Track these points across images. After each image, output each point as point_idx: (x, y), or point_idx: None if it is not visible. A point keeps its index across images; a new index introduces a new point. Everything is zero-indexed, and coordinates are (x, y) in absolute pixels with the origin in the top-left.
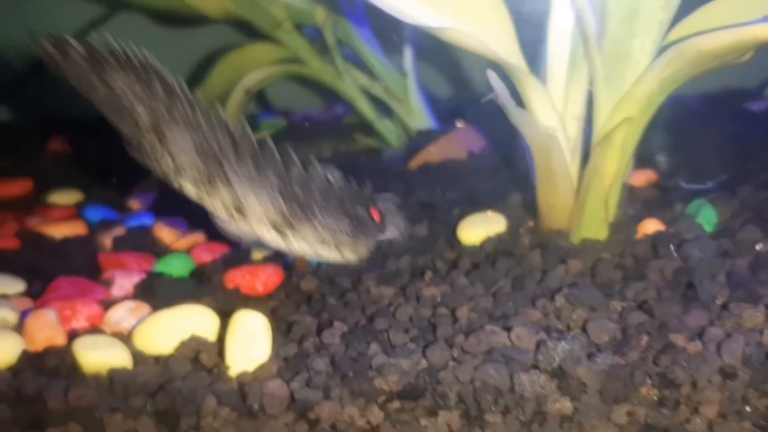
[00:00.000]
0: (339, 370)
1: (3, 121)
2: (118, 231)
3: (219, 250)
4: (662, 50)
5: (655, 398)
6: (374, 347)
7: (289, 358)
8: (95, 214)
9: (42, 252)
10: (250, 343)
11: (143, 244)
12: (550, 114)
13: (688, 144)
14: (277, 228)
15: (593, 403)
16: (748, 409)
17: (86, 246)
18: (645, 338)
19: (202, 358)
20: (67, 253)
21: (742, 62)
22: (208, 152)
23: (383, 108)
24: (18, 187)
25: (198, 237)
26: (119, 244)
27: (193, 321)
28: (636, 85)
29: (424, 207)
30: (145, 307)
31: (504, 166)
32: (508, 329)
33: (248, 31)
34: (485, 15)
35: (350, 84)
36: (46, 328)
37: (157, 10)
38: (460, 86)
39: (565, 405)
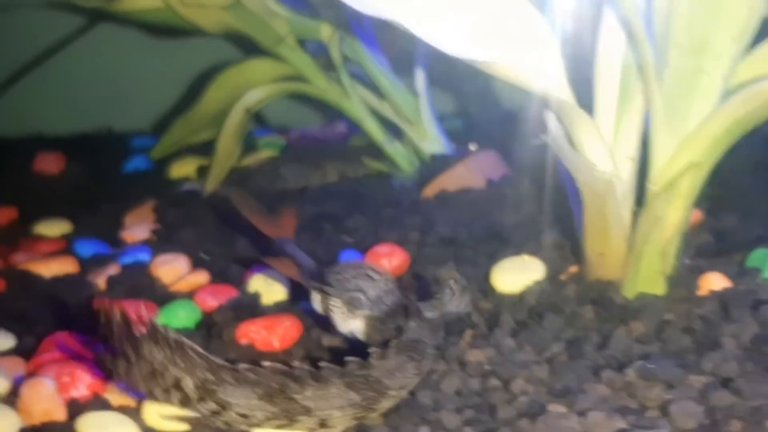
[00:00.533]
0: None
1: None
2: (113, 269)
3: (224, 294)
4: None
5: None
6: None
7: None
8: (86, 248)
9: (30, 296)
10: None
11: (140, 285)
12: (604, 156)
13: (732, 175)
14: None
15: None
16: None
17: (79, 287)
18: (738, 425)
19: None
20: (58, 297)
21: None
22: None
23: (392, 130)
24: (1, 216)
25: (201, 277)
26: (114, 286)
27: None
28: (703, 126)
29: (447, 244)
30: None
31: (528, 198)
32: (581, 413)
33: (246, 46)
34: (534, 46)
35: (358, 104)
36: (44, 401)
37: (148, 23)
38: (471, 107)
39: None
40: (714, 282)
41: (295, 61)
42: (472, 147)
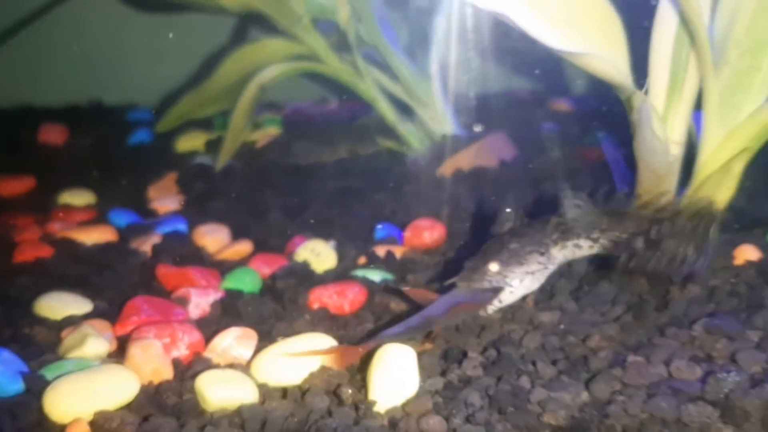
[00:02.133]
0: (497, 404)
1: None
2: (154, 238)
3: (276, 262)
4: None
5: None
6: (525, 380)
7: (439, 392)
8: (121, 218)
9: (82, 262)
10: (399, 376)
11: (187, 253)
12: (662, 140)
13: None
14: None
15: (754, 430)
16: None
17: (126, 255)
18: None
19: (342, 392)
20: (111, 264)
21: None
22: None
23: (403, 110)
24: (20, 185)
25: (245, 246)
26: (161, 253)
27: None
28: (754, 116)
29: (478, 219)
30: (251, 334)
31: (544, 177)
32: (666, 362)
33: (254, 26)
34: (608, 37)
35: (371, 85)
36: (154, 360)
37: None
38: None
39: None
40: (748, 253)
41: (310, 42)
42: (477, 128)
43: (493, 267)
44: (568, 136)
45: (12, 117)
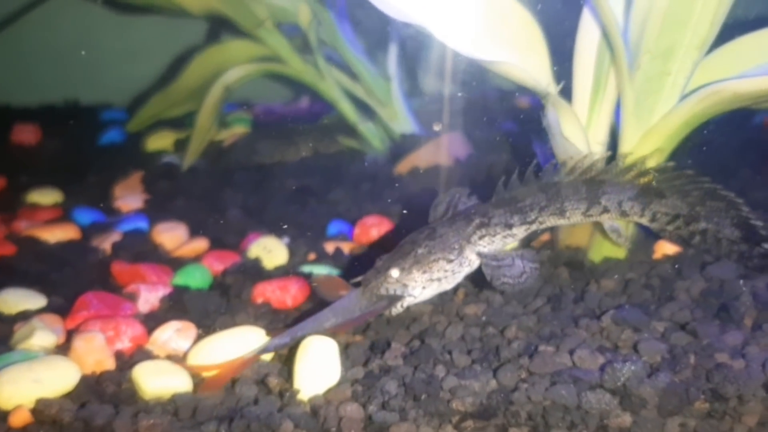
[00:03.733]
0: (411, 392)
1: None
2: (115, 236)
3: (228, 259)
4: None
5: (706, 411)
6: (441, 369)
7: (359, 381)
8: (84, 216)
9: (43, 259)
10: (322, 366)
11: (144, 251)
12: (581, 140)
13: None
14: None
15: (651, 416)
16: None
17: (86, 253)
18: (692, 357)
19: (270, 382)
20: (70, 261)
21: None
22: None
23: (364, 110)
24: None
25: (201, 243)
26: (119, 251)
27: (251, 343)
28: (666, 118)
29: (427, 215)
30: (190, 327)
31: (493, 175)
32: (571, 351)
33: (225, 27)
34: (526, 45)
35: (332, 86)
36: (96, 352)
37: (135, 2)
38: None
39: (626, 419)
40: (666, 247)
41: (273, 44)
42: (437, 127)
43: (394, 273)
44: (524, 133)
45: None
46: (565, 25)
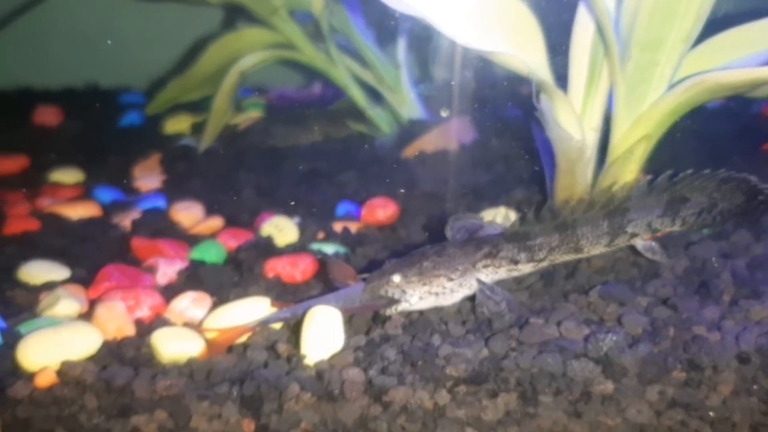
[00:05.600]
0: (409, 358)
1: None
2: (134, 214)
3: (242, 236)
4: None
5: (683, 380)
6: (437, 338)
7: (361, 348)
8: (105, 194)
9: (66, 235)
10: (327, 334)
11: (162, 228)
12: (575, 127)
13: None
14: None
15: (631, 384)
16: (755, 387)
17: (107, 229)
18: (672, 330)
19: (278, 348)
20: (92, 236)
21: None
22: None
23: (374, 96)
24: (14, 164)
25: (217, 221)
26: (139, 228)
27: (260, 311)
28: (654, 106)
29: (431, 198)
30: (206, 297)
31: (497, 160)
32: (558, 323)
33: (240, 15)
34: (523, 37)
35: (343, 72)
36: (117, 319)
37: None
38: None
39: (608, 386)
40: None
41: (287, 31)
42: (444, 113)
43: (396, 278)
44: (528, 119)
45: (10, 98)
46: (563, 18)
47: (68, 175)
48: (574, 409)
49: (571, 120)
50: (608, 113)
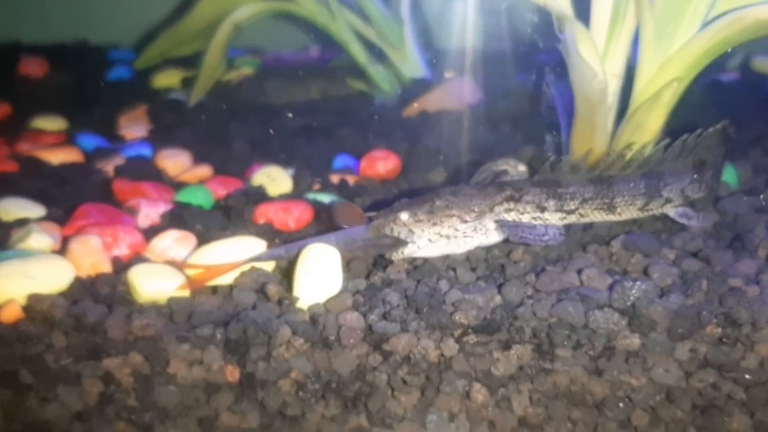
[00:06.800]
0: (414, 304)
1: None
2: (118, 160)
3: (232, 184)
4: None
5: (718, 336)
6: (444, 284)
7: (360, 292)
8: (88, 141)
9: (45, 177)
10: (323, 275)
11: (148, 174)
12: (596, 62)
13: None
14: None
15: (660, 340)
16: None
17: (88, 173)
18: (705, 282)
19: (269, 290)
20: (72, 180)
21: None
22: None
23: (374, 54)
24: None
25: (205, 170)
26: (122, 174)
27: (248, 251)
28: (686, 47)
29: (434, 154)
30: (190, 237)
31: (504, 119)
32: (579, 271)
33: None
34: None
35: (344, 27)
36: (92, 255)
37: None
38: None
39: (634, 341)
40: None
41: None
42: (448, 74)
43: (404, 216)
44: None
45: None
46: None
47: (51, 123)
48: (594, 365)
49: (593, 56)
50: (631, 62)
